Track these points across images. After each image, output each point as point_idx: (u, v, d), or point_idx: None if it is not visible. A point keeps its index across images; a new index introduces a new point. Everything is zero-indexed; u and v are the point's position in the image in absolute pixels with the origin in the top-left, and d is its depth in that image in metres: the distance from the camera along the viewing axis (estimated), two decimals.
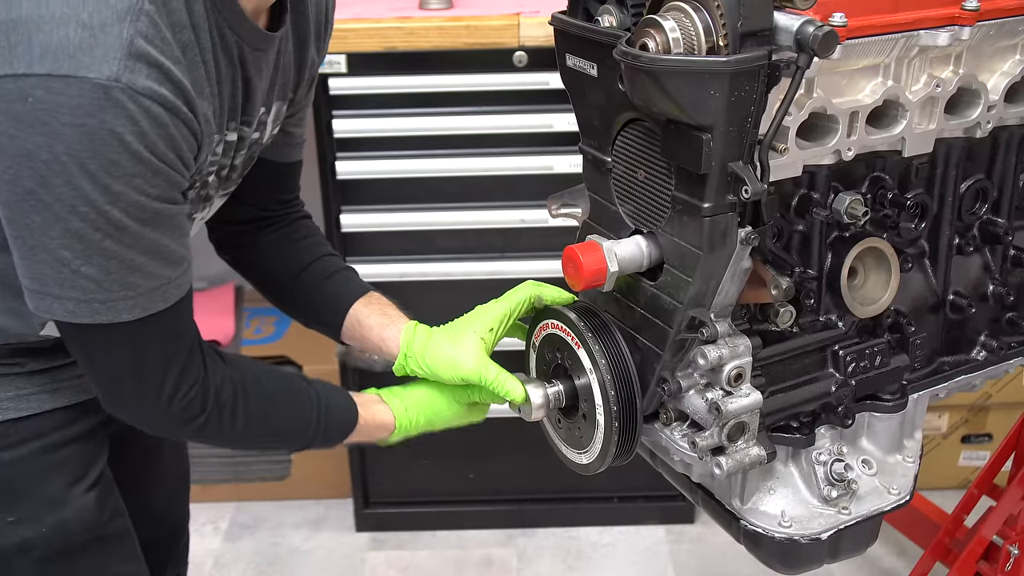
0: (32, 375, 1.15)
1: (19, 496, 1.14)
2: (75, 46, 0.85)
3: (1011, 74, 1.13)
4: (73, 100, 0.85)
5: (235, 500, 2.66)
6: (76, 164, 0.87)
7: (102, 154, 0.87)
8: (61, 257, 0.92)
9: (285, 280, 1.33)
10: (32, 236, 0.92)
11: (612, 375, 1.06)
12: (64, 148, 0.86)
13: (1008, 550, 1.71)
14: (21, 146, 0.86)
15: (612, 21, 1.02)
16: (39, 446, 1.15)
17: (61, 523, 1.16)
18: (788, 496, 1.15)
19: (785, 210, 1.07)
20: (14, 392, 1.13)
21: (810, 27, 0.88)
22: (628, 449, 1.10)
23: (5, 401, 1.13)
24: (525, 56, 2.07)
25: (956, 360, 1.24)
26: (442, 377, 1.20)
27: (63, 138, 0.86)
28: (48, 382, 1.16)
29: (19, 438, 1.13)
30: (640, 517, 2.58)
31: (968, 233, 1.20)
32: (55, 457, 1.16)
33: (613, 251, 1.04)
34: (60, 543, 1.16)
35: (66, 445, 1.17)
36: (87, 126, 0.86)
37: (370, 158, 2.17)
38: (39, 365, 1.15)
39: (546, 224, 2.12)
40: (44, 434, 1.15)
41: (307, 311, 1.34)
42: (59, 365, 1.17)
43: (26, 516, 1.14)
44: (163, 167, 0.93)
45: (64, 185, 0.88)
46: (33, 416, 1.14)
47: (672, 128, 0.95)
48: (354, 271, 1.35)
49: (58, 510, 1.16)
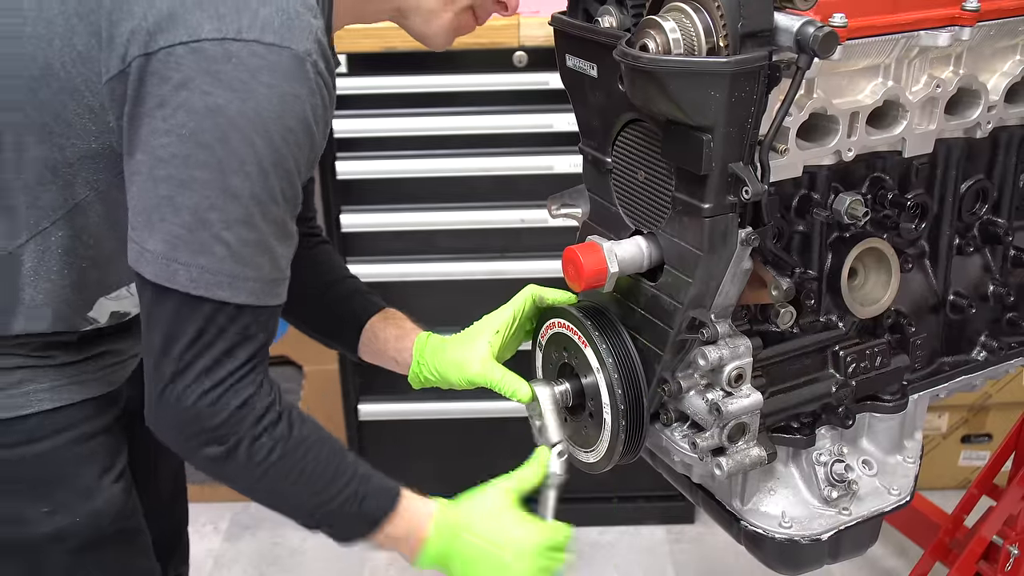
0: (63, 367, 1.16)
1: (54, 486, 1.16)
2: (279, 23, 0.93)
3: (1011, 74, 1.13)
4: (274, 65, 0.92)
5: (235, 500, 2.65)
6: (259, 123, 0.93)
7: (284, 118, 0.94)
8: (207, 219, 0.94)
9: (306, 300, 1.34)
10: (186, 193, 0.94)
11: (619, 374, 1.06)
12: (254, 106, 0.92)
13: (1008, 550, 1.71)
14: (212, 102, 0.91)
15: (612, 21, 1.02)
16: (72, 436, 1.16)
17: (94, 513, 1.17)
18: (788, 497, 1.15)
19: (785, 211, 1.06)
20: (48, 383, 1.14)
21: (810, 28, 0.88)
22: (635, 447, 1.10)
23: (40, 392, 1.14)
24: (525, 56, 2.07)
25: (956, 360, 1.24)
26: (451, 380, 1.22)
27: (256, 97, 0.92)
28: (77, 374, 1.17)
29: (53, 428, 1.15)
30: (640, 517, 2.58)
31: (968, 233, 1.20)
32: (87, 447, 1.18)
33: (613, 252, 1.04)
34: (92, 533, 1.18)
35: (96, 436, 1.19)
36: (280, 89, 0.93)
37: (370, 158, 2.17)
38: (69, 358, 1.16)
39: (546, 224, 2.12)
40: (76, 425, 1.16)
41: (325, 330, 1.37)
42: (86, 358, 1.18)
43: (60, 506, 1.15)
44: (318, 145, 1.00)
45: (241, 142, 0.92)
46: (65, 407, 1.15)
47: (672, 129, 0.95)
48: (372, 291, 1.37)
49: (90, 500, 1.17)
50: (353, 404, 2.41)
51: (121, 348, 1.23)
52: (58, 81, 0.98)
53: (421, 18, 1.14)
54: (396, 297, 1.39)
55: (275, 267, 1.00)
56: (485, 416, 2.36)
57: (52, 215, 1.05)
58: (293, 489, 1.07)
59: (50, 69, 0.97)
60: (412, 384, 1.28)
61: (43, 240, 1.06)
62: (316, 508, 1.08)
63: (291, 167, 0.97)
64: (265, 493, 1.10)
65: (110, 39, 0.95)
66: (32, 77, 0.98)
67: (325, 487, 1.07)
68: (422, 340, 1.27)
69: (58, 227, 1.05)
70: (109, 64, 0.95)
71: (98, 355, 1.20)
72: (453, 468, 2.51)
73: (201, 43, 0.91)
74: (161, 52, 0.92)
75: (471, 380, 1.20)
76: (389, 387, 2.35)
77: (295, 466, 1.05)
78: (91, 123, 0.99)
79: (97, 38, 0.96)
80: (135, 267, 0.99)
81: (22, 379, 1.12)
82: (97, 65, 0.96)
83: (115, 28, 0.94)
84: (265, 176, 0.95)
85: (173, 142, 0.93)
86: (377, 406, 2.40)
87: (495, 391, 1.19)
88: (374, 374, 1.73)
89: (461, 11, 1.14)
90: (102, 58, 0.96)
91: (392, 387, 2.33)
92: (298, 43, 0.94)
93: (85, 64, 0.97)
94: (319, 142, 1.01)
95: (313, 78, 0.95)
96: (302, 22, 0.95)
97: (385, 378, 1.42)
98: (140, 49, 0.93)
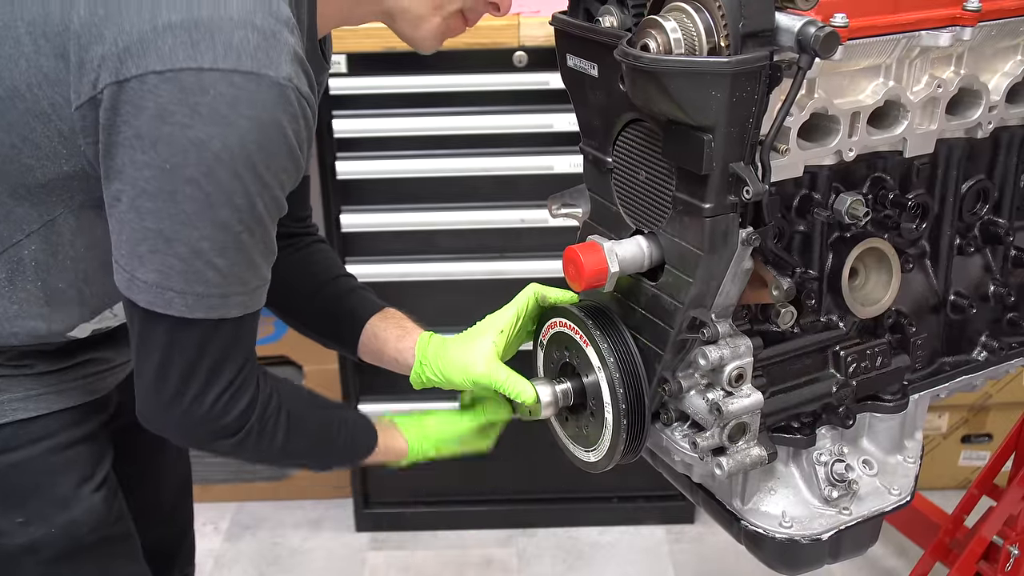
0: (40, 376, 1.15)
1: (28, 496, 1.14)
2: (254, 46, 0.90)
3: (1012, 74, 1.13)
4: (253, 95, 0.90)
5: (235, 500, 2.66)
6: (243, 155, 0.92)
7: (267, 147, 0.93)
8: (199, 249, 0.94)
9: (301, 301, 1.35)
10: (175, 227, 0.93)
11: (620, 373, 1.06)
12: (237, 139, 0.91)
13: (1008, 550, 1.71)
14: (193, 136, 0.90)
15: (613, 21, 1.02)
16: (48, 446, 1.15)
17: (69, 523, 1.16)
18: (789, 496, 1.15)
19: (786, 210, 1.06)
20: (23, 393, 1.13)
21: (811, 28, 0.87)
22: (636, 447, 1.10)
23: (15, 402, 1.13)
24: (525, 56, 2.06)
25: (957, 360, 1.24)
26: (454, 381, 1.21)
27: (237, 129, 0.90)
28: (55, 383, 1.16)
29: (28, 438, 1.14)
30: (640, 517, 2.58)
31: (969, 233, 1.20)
32: (63, 457, 1.17)
33: (614, 251, 1.04)
34: (68, 544, 1.16)
35: (73, 445, 1.17)
36: (261, 119, 0.91)
37: (370, 158, 2.17)
38: (47, 367, 1.15)
39: (546, 224, 2.12)
40: (52, 434, 1.15)
41: (324, 329, 1.37)
42: (66, 367, 1.17)
43: (35, 516, 1.14)
44: (301, 164, 1.00)
45: (227, 174, 0.92)
46: (42, 416, 1.14)
47: (673, 129, 0.95)
48: (369, 290, 1.37)
49: (66, 510, 1.16)
50: (353, 404, 2.41)
51: (107, 356, 1.22)
52: (24, 103, 0.96)
53: (408, 22, 1.13)
54: (396, 297, 1.38)
55: (257, 276, 1.01)
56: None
57: (26, 228, 1.04)
58: (301, 453, 1.20)
59: (16, 91, 0.96)
60: (414, 385, 1.27)
61: (16, 252, 1.05)
62: (322, 458, 1.25)
63: (276, 193, 0.98)
64: (276, 462, 1.24)
65: (80, 63, 0.93)
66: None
67: (324, 442, 1.20)
68: (424, 340, 1.26)
69: (32, 240, 1.04)
70: (80, 89, 0.93)
71: (80, 363, 1.18)
72: (453, 468, 2.51)
73: (176, 73, 0.89)
74: (134, 80, 0.90)
75: (475, 381, 1.18)
76: (389, 387, 2.34)
77: (299, 438, 1.14)
78: (61, 147, 0.98)
79: (64, 61, 0.93)
80: (125, 292, 0.99)
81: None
82: (66, 89, 0.94)
83: (84, 52, 0.92)
84: (252, 205, 0.95)
85: (156, 175, 0.92)
86: (377, 406, 2.40)
87: (500, 392, 1.18)
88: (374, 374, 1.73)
89: (450, 15, 1.13)
90: (71, 82, 0.94)
91: (392, 387, 2.32)
92: (276, 68, 0.91)
93: (52, 87, 0.95)
94: (303, 163, 1.01)
95: (295, 102, 0.94)
96: (278, 41, 0.92)
97: (385, 378, 1.42)
98: (111, 76, 0.90)
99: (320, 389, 2.79)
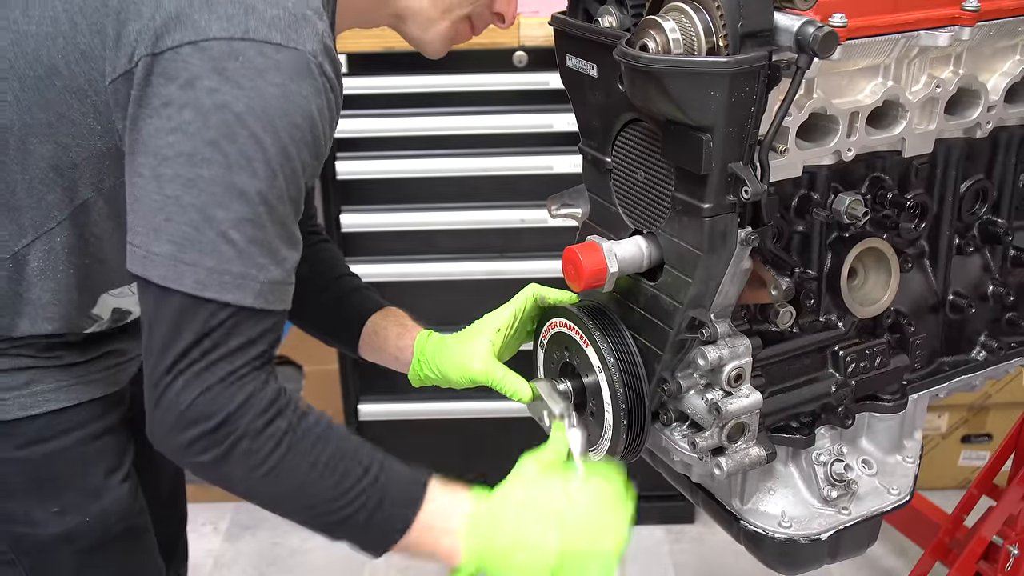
0: (69, 367, 1.16)
1: (63, 486, 1.16)
2: (285, 23, 0.94)
3: (1011, 74, 1.13)
4: (281, 64, 0.93)
5: (235, 500, 2.63)
6: (266, 119, 0.92)
7: (290, 116, 0.94)
8: (213, 216, 0.93)
9: (306, 298, 1.33)
10: (192, 191, 0.93)
11: (620, 373, 1.06)
12: (261, 104, 0.92)
13: (1008, 550, 1.71)
14: (219, 99, 0.91)
15: (612, 21, 1.02)
16: (79, 436, 1.17)
17: (101, 513, 1.18)
18: (788, 496, 1.15)
19: (785, 210, 1.06)
20: (54, 384, 1.15)
21: (810, 28, 0.88)
22: (636, 447, 1.10)
23: (47, 392, 1.14)
24: (525, 56, 2.07)
25: (956, 360, 1.24)
26: (452, 378, 1.22)
27: (263, 95, 0.92)
28: (84, 374, 1.18)
29: (61, 428, 1.15)
30: (640, 517, 2.56)
31: (968, 233, 1.20)
32: (94, 447, 1.18)
33: (613, 252, 1.04)
34: (100, 533, 1.18)
35: (103, 435, 1.19)
36: (287, 88, 0.93)
37: (370, 158, 2.18)
38: (75, 358, 1.17)
39: (546, 224, 2.12)
40: (83, 424, 1.17)
41: (326, 327, 1.37)
42: (92, 358, 1.19)
43: (70, 506, 1.16)
44: (323, 148, 1.00)
45: (249, 139, 0.92)
46: (73, 407, 1.16)
47: (672, 129, 0.95)
48: (373, 289, 1.37)
49: (98, 500, 1.18)
50: (353, 404, 2.41)
51: (124, 348, 1.24)
52: (62, 80, 0.98)
53: (418, 25, 1.15)
54: (396, 297, 1.39)
55: (281, 270, 0.97)
56: (485, 416, 2.35)
57: (57, 215, 1.05)
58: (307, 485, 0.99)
59: (54, 68, 0.98)
60: (412, 382, 1.28)
61: (48, 240, 1.06)
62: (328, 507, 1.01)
63: (297, 168, 0.96)
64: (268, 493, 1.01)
65: (117, 39, 0.95)
66: (37, 76, 0.98)
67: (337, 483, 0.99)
68: (423, 338, 1.27)
69: (63, 227, 1.06)
70: (116, 64, 0.95)
71: (103, 355, 1.20)
72: (453, 468, 2.51)
73: (208, 42, 0.92)
74: (168, 52, 0.92)
75: (472, 378, 1.19)
76: (389, 387, 2.35)
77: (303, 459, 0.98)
78: (96, 122, 0.99)
79: (102, 37, 0.96)
80: (139, 272, 0.96)
81: (29, 380, 1.13)
82: (102, 64, 0.96)
83: (123, 28, 0.94)
84: (272, 175, 0.94)
85: (179, 140, 0.93)
86: (377, 406, 2.40)
87: (496, 390, 1.19)
88: (374, 374, 1.74)
89: (458, 20, 1.16)
90: (108, 57, 0.96)
91: (392, 387, 2.33)
92: (305, 44, 0.94)
93: (89, 63, 0.97)
94: (324, 145, 1.00)
95: (319, 79, 0.96)
96: (308, 24, 0.95)
97: (385, 378, 1.42)
98: (147, 49, 0.93)
99: (320, 389, 2.81)
